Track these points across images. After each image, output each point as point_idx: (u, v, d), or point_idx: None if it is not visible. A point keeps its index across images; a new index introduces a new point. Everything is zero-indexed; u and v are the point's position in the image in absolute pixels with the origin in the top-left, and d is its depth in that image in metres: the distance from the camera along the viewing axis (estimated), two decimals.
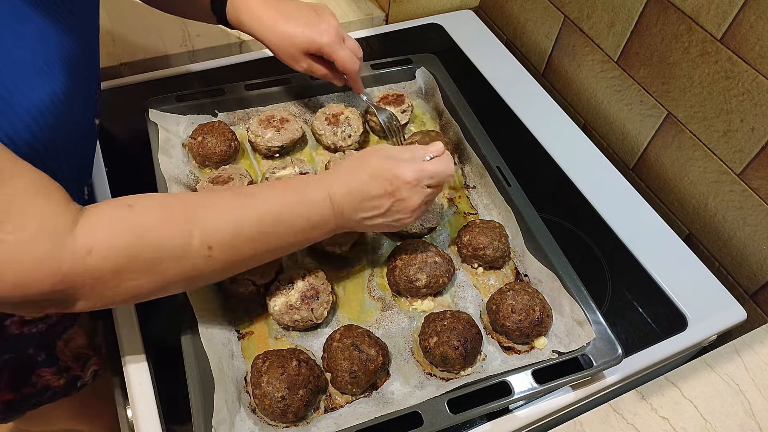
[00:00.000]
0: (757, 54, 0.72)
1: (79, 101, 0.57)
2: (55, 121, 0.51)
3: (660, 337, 0.72)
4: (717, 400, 0.66)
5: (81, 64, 0.56)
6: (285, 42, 0.75)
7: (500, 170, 0.79)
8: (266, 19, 0.75)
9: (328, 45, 0.75)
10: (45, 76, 0.50)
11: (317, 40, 0.74)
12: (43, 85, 0.49)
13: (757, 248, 0.80)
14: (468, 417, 0.59)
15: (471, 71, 1.04)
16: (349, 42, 0.78)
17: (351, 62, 0.77)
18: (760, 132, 0.75)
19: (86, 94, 0.61)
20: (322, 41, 0.74)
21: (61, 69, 0.51)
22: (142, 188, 0.76)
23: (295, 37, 0.74)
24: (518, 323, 0.65)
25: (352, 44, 0.78)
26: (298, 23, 0.74)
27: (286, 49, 0.75)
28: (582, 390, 0.66)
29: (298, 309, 0.65)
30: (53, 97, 0.50)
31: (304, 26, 0.74)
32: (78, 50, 0.55)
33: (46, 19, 0.50)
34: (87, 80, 0.60)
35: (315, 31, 0.74)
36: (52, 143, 0.52)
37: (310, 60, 0.77)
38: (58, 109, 0.51)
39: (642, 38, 0.87)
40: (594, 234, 0.82)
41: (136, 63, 1.00)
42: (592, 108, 1.02)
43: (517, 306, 0.65)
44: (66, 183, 0.55)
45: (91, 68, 0.61)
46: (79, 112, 0.58)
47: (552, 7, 1.03)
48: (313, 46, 0.75)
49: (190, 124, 0.84)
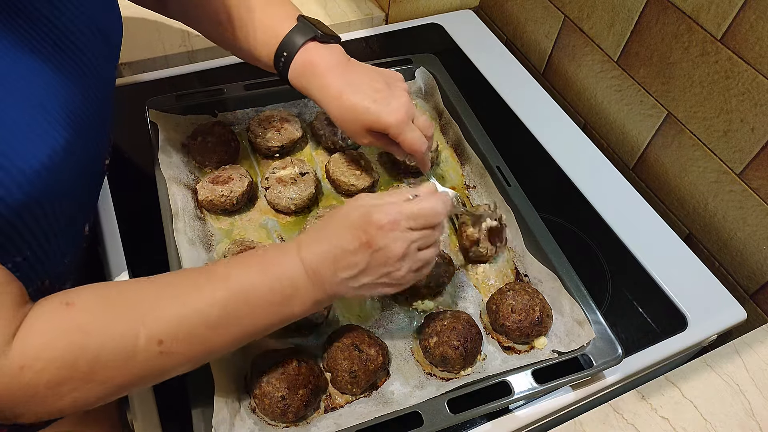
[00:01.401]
0: (757, 54, 0.72)
1: (84, 150, 0.55)
2: (53, 178, 0.49)
3: (660, 337, 0.72)
4: (717, 400, 0.66)
5: (91, 111, 0.55)
6: (349, 116, 0.68)
7: (500, 170, 0.79)
8: (332, 89, 0.68)
9: (396, 127, 0.67)
10: (45, 135, 0.48)
11: (383, 120, 0.67)
12: (41, 144, 0.47)
13: (757, 248, 0.80)
14: (468, 417, 0.59)
15: (471, 71, 1.04)
16: (419, 120, 0.70)
17: (419, 144, 0.69)
18: (760, 132, 0.75)
19: (96, 138, 0.58)
20: (389, 121, 0.67)
21: (65, 123, 0.50)
22: (142, 188, 0.77)
23: (360, 114, 0.67)
24: (518, 323, 0.65)
25: (422, 123, 0.70)
26: (365, 97, 0.67)
27: (348, 124, 0.69)
28: (582, 390, 0.66)
29: None
30: (52, 155, 0.48)
31: (371, 102, 0.67)
32: (88, 101, 0.54)
33: (54, 73, 0.50)
34: (97, 126, 0.58)
35: (382, 110, 0.67)
36: (48, 198, 0.50)
37: (373, 137, 0.70)
38: (57, 165, 0.49)
39: (642, 38, 0.87)
40: (594, 234, 0.82)
41: (136, 63, 1.00)
42: (592, 108, 1.02)
43: (517, 306, 0.65)
44: (64, 229, 0.55)
45: (103, 112, 0.59)
46: (83, 160, 0.55)
47: (552, 7, 1.03)
48: (378, 125, 0.68)
49: (189, 124, 0.84)
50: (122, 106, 0.90)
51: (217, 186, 0.75)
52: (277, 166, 0.79)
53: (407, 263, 0.55)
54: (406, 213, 0.54)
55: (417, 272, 0.57)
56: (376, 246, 0.53)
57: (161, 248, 0.69)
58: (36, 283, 0.55)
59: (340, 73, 0.68)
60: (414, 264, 0.56)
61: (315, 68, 0.68)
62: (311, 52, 0.68)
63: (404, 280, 0.56)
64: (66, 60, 0.52)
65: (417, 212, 0.54)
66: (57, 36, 0.51)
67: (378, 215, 0.53)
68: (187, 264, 0.67)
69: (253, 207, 0.79)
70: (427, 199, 0.56)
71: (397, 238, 0.53)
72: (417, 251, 0.55)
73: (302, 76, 0.69)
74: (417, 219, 0.54)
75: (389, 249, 0.53)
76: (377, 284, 0.55)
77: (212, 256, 0.72)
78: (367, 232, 0.53)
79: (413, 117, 0.69)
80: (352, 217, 0.54)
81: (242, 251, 0.69)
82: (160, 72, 0.99)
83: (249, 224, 0.77)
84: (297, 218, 0.78)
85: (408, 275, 0.56)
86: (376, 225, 0.53)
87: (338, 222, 0.55)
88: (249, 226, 0.77)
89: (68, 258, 0.60)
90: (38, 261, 0.54)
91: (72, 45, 0.52)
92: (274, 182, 0.77)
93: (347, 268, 0.53)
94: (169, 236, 0.70)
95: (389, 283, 0.56)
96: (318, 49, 0.69)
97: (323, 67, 0.68)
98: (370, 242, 0.53)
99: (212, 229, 0.76)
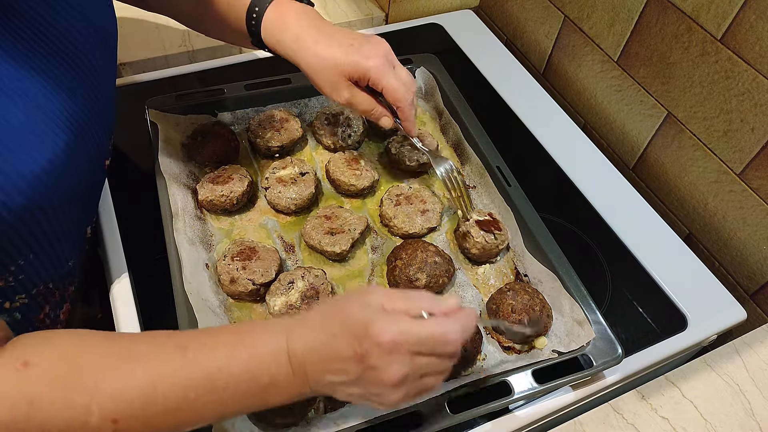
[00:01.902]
0: (757, 54, 0.72)
1: (85, 153, 0.55)
2: (54, 182, 0.49)
3: (660, 337, 0.72)
4: (717, 400, 0.66)
5: (92, 113, 0.55)
6: (325, 65, 0.64)
7: (500, 170, 0.79)
8: (306, 38, 0.65)
9: (375, 69, 0.64)
10: (45, 138, 0.47)
11: (363, 64, 0.64)
12: (42, 148, 0.47)
13: (757, 248, 0.80)
14: (468, 417, 0.59)
15: (471, 71, 1.04)
16: (400, 71, 0.67)
17: (402, 92, 0.66)
18: (760, 132, 0.75)
19: (97, 141, 0.58)
20: (368, 64, 0.64)
21: (65, 126, 0.49)
22: (143, 188, 0.77)
23: (337, 58, 0.64)
24: (518, 323, 0.65)
25: (404, 74, 0.67)
26: (341, 44, 0.64)
27: (326, 74, 0.65)
28: (582, 390, 0.66)
29: (298, 309, 0.65)
30: (53, 158, 0.48)
31: (348, 47, 0.64)
32: (87, 103, 0.54)
33: (52, 76, 0.49)
34: (97, 128, 0.57)
35: (361, 54, 0.64)
36: (50, 202, 0.50)
37: (354, 89, 0.66)
38: (58, 169, 0.48)
39: (642, 38, 0.87)
40: (594, 234, 0.82)
41: (136, 63, 1.00)
42: (592, 108, 1.02)
43: (517, 306, 0.65)
44: (66, 232, 0.55)
45: (103, 114, 0.58)
46: (84, 163, 0.55)
47: (552, 7, 1.03)
48: (358, 70, 0.64)
49: (189, 124, 0.84)
50: (122, 106, 0.90)
51: (217, 186, 0.75)
52: (277, 166, 0.79)
53: (403, 390, 0.47)
54: (411, 335, 0.45)
55: (414, 397, 0.49)
56: (369, 363, 0.45)
57: (161, 248, 0.69)
58: (39, 286, 0.55)
59: (313, 25, 0.65)
60: (412, 390, 0.48)
61: (287, 19, 0.65)
62: (282, 5, 0.66)
63: (396, 406, 0.49)
64: (64, 62, 0.51)
65: (425, 337, 0.46)
66: (54, 38, 0.50)
67: (377, 329, 0.45)
68: (187, 264, 0.67)
69: (253, 207, 0.79)
70: (441, 323, 0.47)
71: (394, 362, 0.45)
72: (419, 378, 0.47)
73: (275, 30, 0.66)
74: (424, 344, 0.46)
75: (384, 372, 0.45)
76: (365, 398, 0.48)
77: (212, 256, 0.72)
78: (362, 345, 0.45)
79: (394, 65, 0.66)
80: (353, 319, 0.46)
81: (242, 251, 0.69)
82: (160, 72, 0.98)
83: (249, 224, 0.77)
84: (297, 218, 0.78)
85: (403, 401, 0.48)
86: (375, 341, 0.45)
87: (337, 316, 0.47)
88: (249, 226, 0.77)
89: (72, 261, 0.60)
90: (41, 265, 0.54)
91: (70, 47, 0.52)
92: (274, 182, 0.77)
93: (336, 374, 0.46)
94: (169, 236, 0.70)
95: (378, 402, 0.48)
96: (290, 3, 0.67)
97: (296, 18, 0.65)
98: (364, 357, 0.45)
99: (212, 229, 0.76)
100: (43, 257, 0.53)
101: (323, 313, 0.49)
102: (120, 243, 0.74)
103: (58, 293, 0.60)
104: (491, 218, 0.75)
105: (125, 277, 0.71)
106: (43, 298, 0.57)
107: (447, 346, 0.47)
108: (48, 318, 0.59)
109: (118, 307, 0.69)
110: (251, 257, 0.69)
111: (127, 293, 0.70)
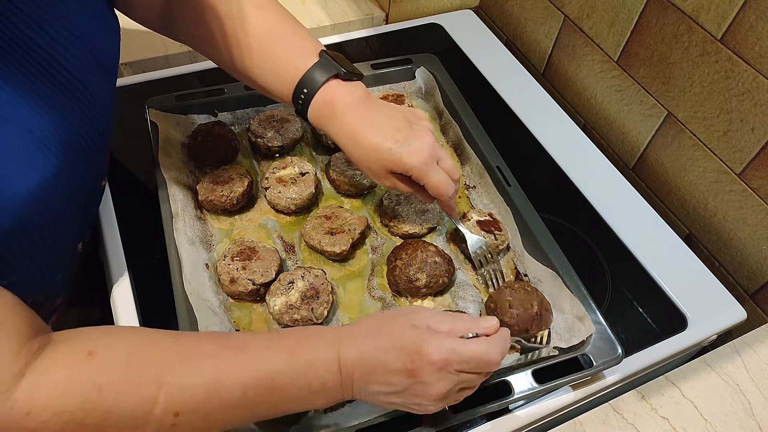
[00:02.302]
0: (757, 54, 0.72)
1: (77, 176, 0.54)
2: (42, 205, 0.48)
3: (660, 337, 0.72)
4: (717, 400, 0.66)
5: (87, 138, 0.54)
6: (369, 157, 0.64)
7: (500, 170, 0.79)
8: (351, 128, 0.64)
9: (418, 169, 0.63)
10: (34, 161, 0.47)
11: (405, 161, 0.63)
12: (30, 171, 0.46)
13: (757, 248, 0.80)
14: (468, 417, 0.59)
15: (471, 71, 1.04)
16: (444, 162, 0.66)
17: (444, 188, 0.65)
18: (760, 132, 0.75)
19: (92, 163, 0.57)
20: (411, 163, 0.63)
21: (57, 150, 0.49)
22: (143, 188, 0.77)
23: (381, 153, 0.63)
24: (516, 317, 0.65)
25: (448, 165, 0.66)
26: (386, 136, 0.63)
27: (369, 164, 0.65)
28: (582, 390, 0.66)
29: (298, 309, 0.66)
30: (42, 182, 0.47)
31: (393, 142, 0.63)
32: (82, 126, 0.53)
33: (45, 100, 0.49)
34: (93, 151, 0.57)
35: (404, 150, 0.62)
36: (36, 225, 0.49)
37: (396, 178, 0.66)
38: (47, 192, 0.48)
39: (642, 38, 0.87)
40: (594, 234, 0.82)
41: (136, 63, 1.00)
42: (592, 108, 1.02)
43: (515, 302, 0.65)
44: (54, 252, 0.54)
45: (100, 138, 0.58)
46: (75, 185, 0.55)
47: (552, 7, 1.03)
48: (400, 166, 0.63)
49: (190, 124, 0.84)
50: (122, 106, 0.90)
51: (217, 186, 0.75)
52: (277, 166, 0.79)
53: (442, 402, 0.53)
54: (460, 355, 0.51)
55: (442, 407, 0.54)
56: (420, 378, 0.50)
57: (161, 248, 0.69)
58: (27, 299, 0.53)
59: (360, 111, 0.65)
60: (448, 402, 0.54)
61: (335, 107, 0.64)
62: (333, 90, 0.65)
63: (431, 411, 0.53)
64: (59, 86, 0.50)
65: (470, 357, 0.51)
66: (48, 63, 0.49)
67: (431, 348, 0.50)
68: (187, 264, 0.67)
69: (253, 207, 0.79)
70: (485, 343, 0.52)
71: (443, 378, 0.50)
72: (459, 391, 0.53)
73: (322, 116, 0.66)
74: (469, 363, 0.51)
75: (432, 387, 0.50)
76: (405, 406, 0.53)
77: (212, 256, 0.72)
78: (414, 362, 0.50)
79: (438, 158, 0.65)
80: (405, 337, 0.51)
81: (242, 251, 0.69)
82: (160, 72, 0.98)
83: (249, 224, 0.77)
84: (297, 218, 0.78)
85: (434, 409, 0.53)
86: (427, 359, 0.50)
87: (390, 333, 0.51)
88: (249, 226, 0.77)
89: (60, 276, 0.59)
90: (26, 283, 0.53)
91: (66, 73, 0.51)
92: (274, 182, 0.77)
93: (383, 384, 0.51)
94: (169, 236, 0.70)
95: (417, 410, 0.54)
96: (339, 87, 0.65)
97: (343, 106, 0.64)
98: (416, 372, 0.50)
99: (212, 229, 0.76)
100: (28, 277, 0.53)
101: (370, 327, 0.53)
102: (120, 243, 0.74)
103: (46, 306, 0.59)
104: (491, 218, 0.75)
105: (125, 277, 0.71)
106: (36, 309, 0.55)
107: (490, 365, 0.53)
108: None
109: (118, 307, 0.69)
110: (251, 257, 0.69)
111: (127, 293, 0.70)
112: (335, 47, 1.08)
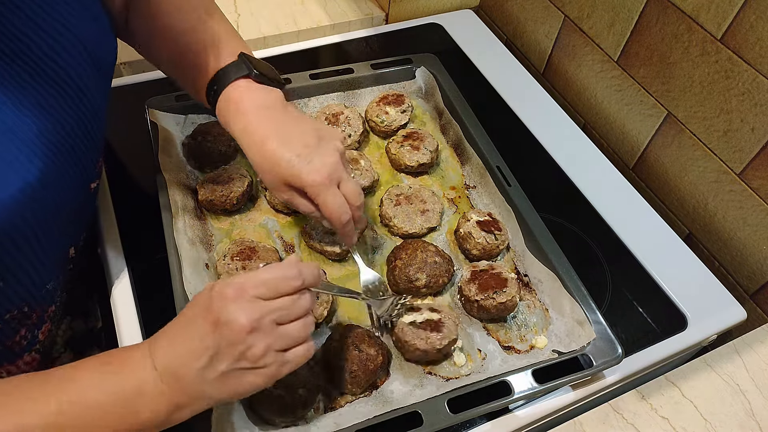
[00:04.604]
0: (757, 54, 0.72)
1: (65, 178, 0.53)
2: (26, 210, 0.47)
3: (660, 337, 0.72)
4: (717, 400, 0.66)
5: (76, 139, 0.53)
6: (266, 167, 0.61)
7: (500, 170, 0.79)
8: (255, 134, 0.61)
9: (312, 187, 0.60)
10: (17, 164, 0.45)
11: (302, 179, 0.60)
12: (12, 175, 0.45)
13: (757, 248, 0.80)
14: (468, 417, 0.59)
15: (471, 71, 1.04)
16: (346, 186, 0.62)
17: (338, 213, 0.61)
18: (760, 132, 0.75)
19: (82, 165, 0.56)
20: (307, 181, 0.60)
21: (42, 153, 0.48)
22: (143, 189, 0.77)
23: (280, 166, 0.60)
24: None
25: (350, 190, 0.62)
26: (289, 149, 0.60)
27: (266, 175, 0.62)
28: (582, 390, 0.66)
29: None
30: (24, 187, 0.46)
31: (295, 155, 0.60)
32: (71, 126, 0.52)
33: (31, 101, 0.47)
34: (83, 153, 0.55)
35: (304, 166, 0.60)
36: (20, 231, 0.48)
37: (294, 193, 0.62)
38: (30, 197, 0.47)
39: (642, 38, 0.87)
40: (594, 234, 0.82)
41: (136, 63, 1.00)
42: (592, 108, 1.02)
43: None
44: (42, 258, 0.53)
45: (91, 139, 0.56)
46: (64, 188, 0.53)
47: (552, 7, 1.03)
48: (296, 183, 0.61)
49: (189, 124, 0.84)
50: (122, 106, 0.90)
51: (217, 186, 0.75)
52: None
53: (261, 338, 0.47)
54: (250, 279, 0.49)
55: (287, 353, 0.50)
56: (220, 320, 0.47)
57: (161, 248, 0.69)
58: (12, 311, 0.53)
59: (268, 116, 0.62)
60: (276, 341, 0.48)
61: (239, 105, 0.62)
62: (240, 89, 0.63)
63: (267, 361, 0.48)
64: (45, 84, 0.49)
65: (263, 279, 0.49)
66: (37, 58, 0.48)
67: (220, 285, 0.48)
68: (187, 264, 0.67)
69: (253, 207, 0.79)
70: (277, 266, 0.50)
71: (241, 308, 0.47)
72: (275, 325, 0.49)
73: (227, 113, 0.63)
74: (265, 285, 0.49)
75: (235, 321, 0.46)
76: (238, 370, 0.48)
77: (212, 256, 0.72)
78: (210, 309, 0.47)
79: (339, 181, 0.62)
80: (198, 299, 0.49)
81: (242, 251, 0.69)
82: (160, 72, 0.98)
83: (249, 224, 0.77)
84: (297, 218, 0.78)
85: (270, 355, 0.48)
86: (219, 296, 0.47)
87: (187, 309, 0.50)
88: (249, 225, 0.77)
89: (51, 283, 0.57)
90: (14, 291, 0.52)
91: (53, 64, 0.50)
92: None
93: (200, 356, 0.46)
94: (169, 236, 0.70)
95: (250, 367, 0.48)
96: (249, 87, 0.63)
97: (248, 106, 0.62)
98: (217, 319, 0.47)
99: (212, 229, 0.76)
100: (15, 284, 0.51)
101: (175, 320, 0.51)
102: (120, 243, 0.74)
103: (36, 315, 0.57)
104: (491, 218, 0.75)
105: (125, 277, 0.71)
106: (18, 322, 0.54)
107: (287, 283, 0.49)
108: (25, 339, 0.57)
109: (118, 307, 0.69)
110: (251, 257, 0.69)
111: (127, 293, 0.70)
112: (335, 47, 1.08)
